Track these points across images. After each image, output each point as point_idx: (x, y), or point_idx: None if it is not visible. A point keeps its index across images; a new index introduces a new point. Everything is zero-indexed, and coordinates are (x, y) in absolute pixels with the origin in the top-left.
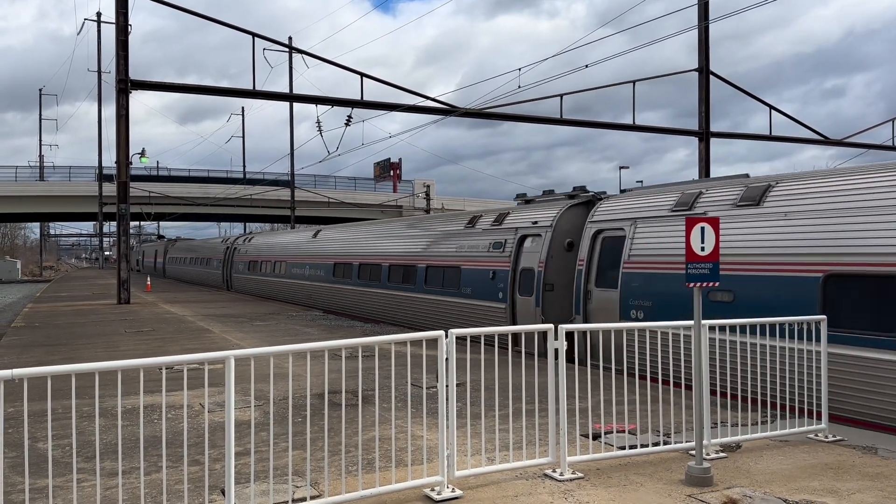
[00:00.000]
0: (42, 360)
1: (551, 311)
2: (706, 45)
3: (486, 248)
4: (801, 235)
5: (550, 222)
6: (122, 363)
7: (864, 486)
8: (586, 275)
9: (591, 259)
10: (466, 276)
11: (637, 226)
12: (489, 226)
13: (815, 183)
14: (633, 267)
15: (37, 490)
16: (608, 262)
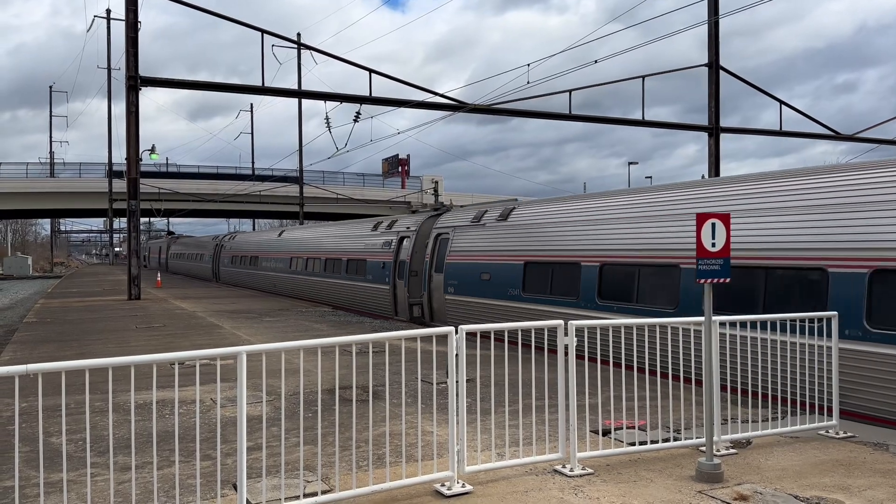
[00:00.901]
0: (54, 355)
1: (415, 290)
2: (716, 40)
3: (380, 246)
4: (518, 239)
5: (416, 228)
6: (135, 358)
7: (876, 483)
8: (430, 264)
9: (434, 253)
10: (369, 266)
11: (455, 231)
12: (384, 230)
13: (535, 207)
14: (451, 259)
15: (51, 484)
16: (441, 255)
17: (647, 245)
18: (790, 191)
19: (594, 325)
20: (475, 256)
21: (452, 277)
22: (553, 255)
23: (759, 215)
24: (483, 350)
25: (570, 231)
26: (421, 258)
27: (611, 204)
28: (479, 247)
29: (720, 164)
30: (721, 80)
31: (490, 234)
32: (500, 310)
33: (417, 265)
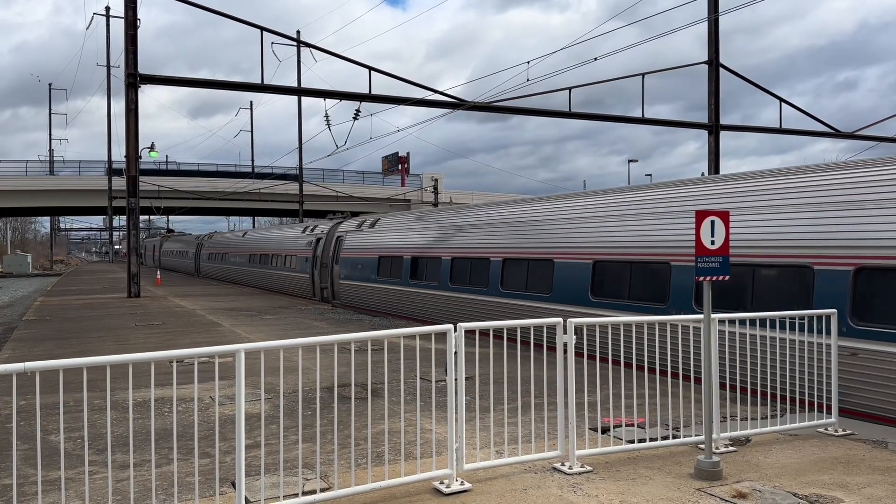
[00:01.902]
0: (53, 353)
1: (325, 277)
2: (716, 38)
3: (304, 245)
4: (377, 239)
5: (326, 232)
6: (134, 356)
7: (875, 480)
8: (332, 259)
9: (334, 251)
10: (297, 260)
11: (347, 235)
12: (308, 233)
13: (391, 218)
14: (343, 254)
15: (49, 482)
16: (338, 252)
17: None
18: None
19: (593, 323)
20: (356, 252)
21: (343, 267)
22: (394, 251)
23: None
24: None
25: (408, 234)
26: (328, 254)
27: (465, 216)
28: (358, 245)
29: (720, 162)
30: (721, 77)
31: (364, 237)
32: (364, 289)
33: (326, 259)
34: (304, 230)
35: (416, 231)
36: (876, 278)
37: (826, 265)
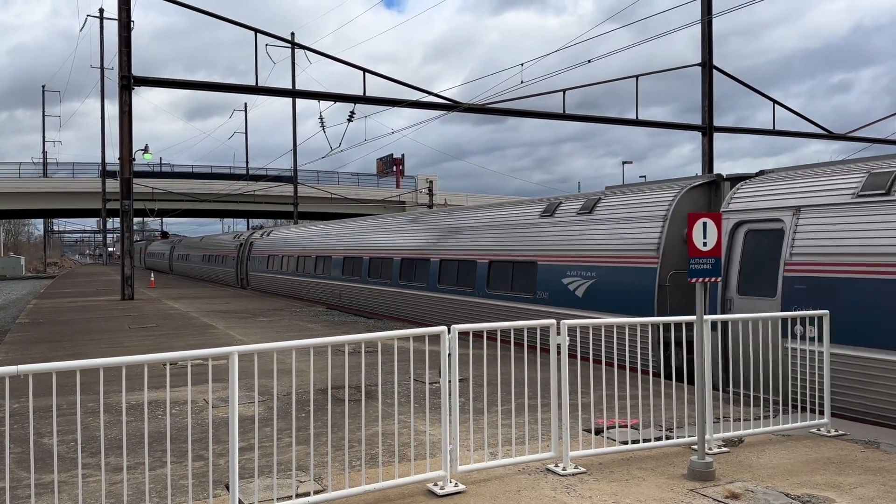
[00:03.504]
0: (46, 356)
1: (243, 271)
2: (709, 40)
3: (234, 248)
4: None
5: (247, 237)
6: (127, 359)
7: (867, 481)
8: (246, 257)
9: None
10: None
11: (255, 240)
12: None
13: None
14: (253, 254)
15: (42, 485)
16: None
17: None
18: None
19: (586, 325)
20: (259, 252)
21: (253, 264)
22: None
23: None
24: (476, 349)
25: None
26: (247, 254)
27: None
28: (262, 247)
29: (714, 164)
30: (716, 79)
31: (264, 241)
32: (262, 277)
33: (243, 257)
34: (235, 237)
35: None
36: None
37: (543, 261)
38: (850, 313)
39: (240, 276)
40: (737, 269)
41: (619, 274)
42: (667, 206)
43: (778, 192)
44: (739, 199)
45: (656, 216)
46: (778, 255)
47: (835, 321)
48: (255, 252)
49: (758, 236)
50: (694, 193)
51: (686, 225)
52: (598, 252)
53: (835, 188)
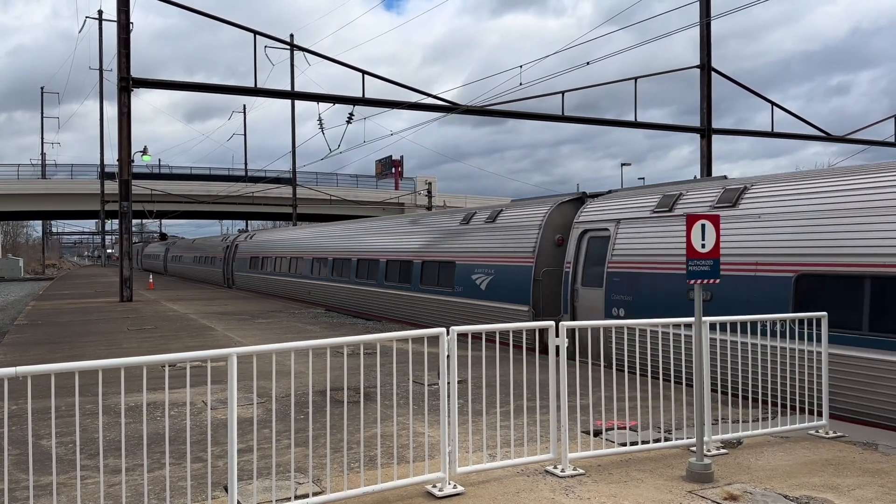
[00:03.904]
0: (45, 357)
1: (229, 271)
2: (708, 42)
3: (221, 250)
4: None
5: (232, 240)
6: (126, 360)
7: (865, 482)
8: (231, 258)
9: (234, 253)
10: (217, 260)
11: (240, 243)
12: (227, 242)
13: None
14: (238, 255)
15: (40, 487)
16: (237, 254)
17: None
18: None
19: (585, 326)
20: (243, 254)
21: (238, 264)
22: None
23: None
24: (475, 351)
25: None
26: (233, 255)
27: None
28: (246, 249)
29: (713, 166)
30: (715, 81)
31: (249, 244)
32: (245, 277)
33: (229, 259)
34: (222, 240)
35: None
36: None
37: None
38: (645, 299)
39: (226, 276)
40: (582, 266)
41: (508, 271)
42: (542, 217)
43: (610, 207)
44: (586, 212)
45: (534, 225)
46: (605, 255)
47: (632, 304)
48: (239, 254)
49: (595, 241)
50: (564, 207)
51: (556, 232)
52: (496, 254)
53: (641, 206)
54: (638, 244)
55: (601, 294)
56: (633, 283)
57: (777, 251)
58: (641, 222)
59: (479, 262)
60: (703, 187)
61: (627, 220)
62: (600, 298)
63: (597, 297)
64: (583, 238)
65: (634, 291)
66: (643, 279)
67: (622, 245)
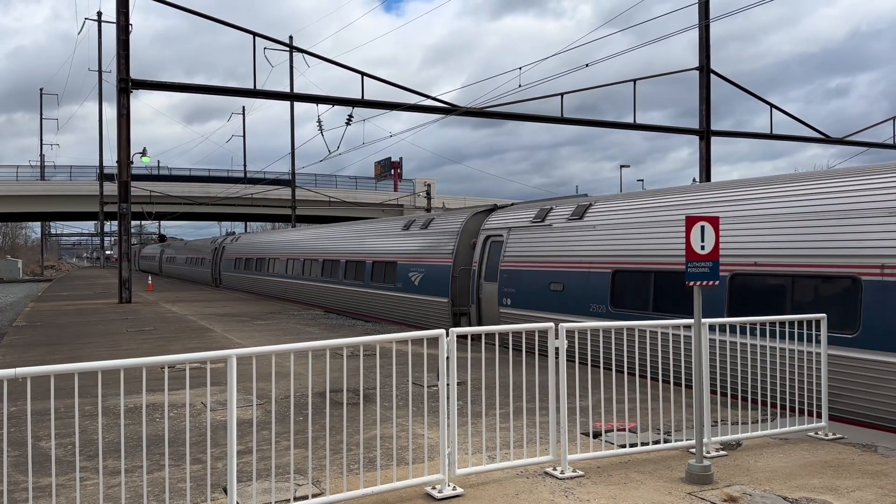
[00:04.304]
0: (44, 359)
1: (216, 271)
2: (707, 44)
3: (210, 251)
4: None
5: (220, 242)
6: (125, 362)
7: (864, 484)
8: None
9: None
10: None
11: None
12: (215, 244)
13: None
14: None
15: (39, 489)
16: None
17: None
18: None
19: (584, 328)
20: (229, 255)
21: (224, 265)
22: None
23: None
24: (474, 353)
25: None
26: (220, 256)
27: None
28: (231, 251)
29: (712, 167)
30: (714, 83)
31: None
32: (233, 277)
33: (217, 260)
34: (211, 242)
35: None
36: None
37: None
38: (523, 291)
39: (214, 276)
40: (485, 264)
41: (434, 269)
42: (460, 225)
43: (506, 218)
44: (489, 221)
45: (454, 232)
46: (499, 256)
47: (516, 294)
48: (226, 255)
49: (494, 245)
50: (478, 216)
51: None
52: (426, 255)
53: (525, 216)
54: (521, 247)
55: (496, 287)
56: (517, 278)
57: (602, 253)
58: (524, 230)
59: (414, 262)
60: (566, 203)
61: (515, 228)
62: (495, 290)
63: (493, 290)
64: (486, 242)
65: (517, 285)
66: (524, 275)
67: (511, 248)
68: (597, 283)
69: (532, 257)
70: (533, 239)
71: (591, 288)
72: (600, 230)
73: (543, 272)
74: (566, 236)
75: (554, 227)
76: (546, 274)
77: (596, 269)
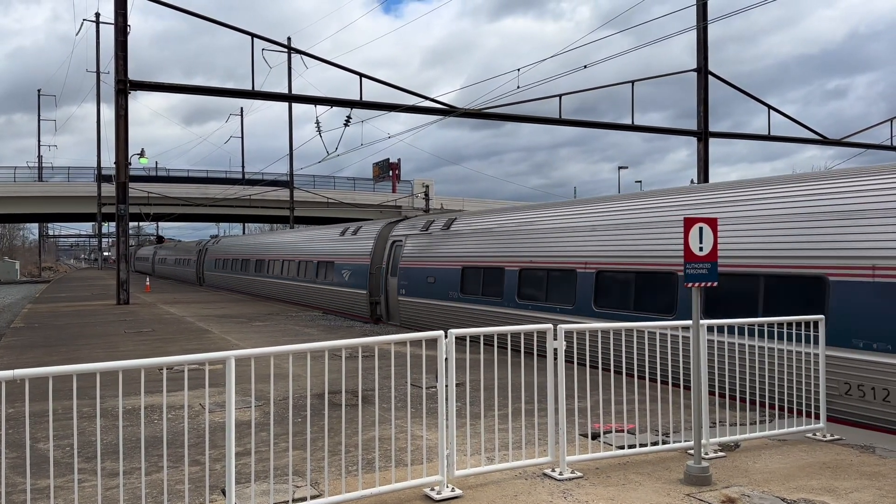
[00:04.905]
0: (42, 360)
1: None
2: (705, 45)
3: (195, 253)
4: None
5: (203, 245)
6: (123, 364)
7: (862, 485)
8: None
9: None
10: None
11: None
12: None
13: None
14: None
15: (38, 490)
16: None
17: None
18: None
19: (583, 329)
20: (211, 256)
21: (207, 265)
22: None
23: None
24: (473, 354)
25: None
26: (204, 257)
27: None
28: (213, 252)
29: (710, 169)
30: (713, 85)
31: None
32: (216, 276)
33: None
34: (196, 244)
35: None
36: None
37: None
38: (413, 283)
39: (198, 275)
40: (390, 264)
41: (358, 268)
42: (377, 232)
43: (406, 226)
44: (395, 229)
45: (371, 238)
46: (400, 256)
47: (408, 286)
48: (208, 256)
49: (398, 247)
50: (390, 226)
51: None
52: (352, 256)
53: (417, 226)
54: (412, 250)
55: (396, 281)
56: (410, 274)
57: (455, 255)
58: (416, 237)
59: (346, 262)
60: (443, 216)
61: (410, 236)
62: (396, 284)
63: (395, 283)
64: (393, 245)
65: (409, 279)
66: (413, 271)
67: (406, 251)
68: (453, 277)
69: (418, 258)
70: (420, 244)
71: (450, 280)
72: (456, 238)
73: (424, 269)
74: (437, 242)
75: (433, 235)
76: (426, 270)
77: (452, 266)
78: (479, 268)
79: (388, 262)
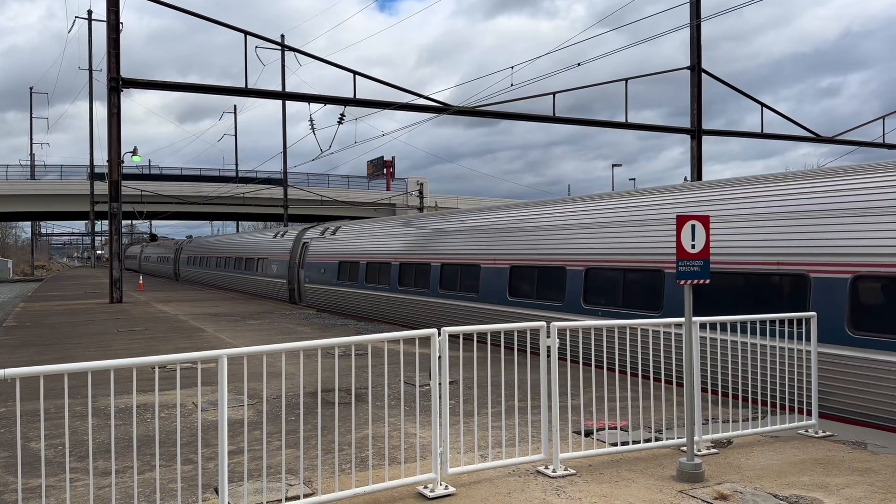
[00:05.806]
0: (34, 359)
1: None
2: (698, 43)
3: (173, 252)
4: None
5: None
6: (115, 362)
7: (854, 481)
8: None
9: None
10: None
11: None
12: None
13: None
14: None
15: (30, 490)
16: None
17: None
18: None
19: (576, 327)
20: (186, 254)
21: (182, 262)
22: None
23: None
24: (466, 352)
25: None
26: (179, 257)
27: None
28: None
29: (703, 167)
30: (706, 83)
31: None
32: (191, 272)
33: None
34: (175, 243)
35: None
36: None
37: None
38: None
39: (175, 271)
40: (302, 259)
41: (282, 263)
42: (295, 235)
43: (312, 231)
44: (306, 233)
45: (291, 240)
46: (307, 254)
47: (312, 276)
48: (182, 254)
49: (306, 247)
50: (305, 230)
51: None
52: (279, 253)
53: (319, 232)
54: (314, 249)
55: (304, 272)
56: (313, 267)
57: (336, 252)
58: (317, 240)
59: (275, 259)
60: (335, 224)
61: (315, 238)
62: (304, 274)
63: (304, 274)
64: (304, 246)
65: (312, 271)
66: (314, 265)
67: (311, 250)
68: (333, 268)
69: (318, 255)
70: (319, 245)
71: (330, 271)
72: (336, 241)
73: (320, 263)
74: (326, 243)
75: (326, 238)
76: (321, 265)
77: (332, 261)
78: (353, 261)
79: (300, 258)
